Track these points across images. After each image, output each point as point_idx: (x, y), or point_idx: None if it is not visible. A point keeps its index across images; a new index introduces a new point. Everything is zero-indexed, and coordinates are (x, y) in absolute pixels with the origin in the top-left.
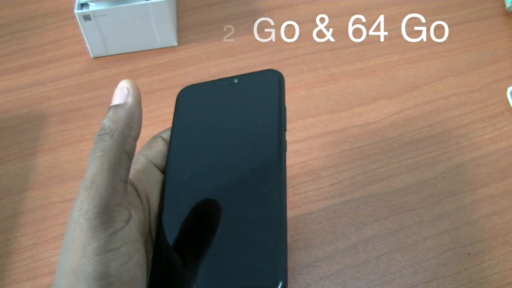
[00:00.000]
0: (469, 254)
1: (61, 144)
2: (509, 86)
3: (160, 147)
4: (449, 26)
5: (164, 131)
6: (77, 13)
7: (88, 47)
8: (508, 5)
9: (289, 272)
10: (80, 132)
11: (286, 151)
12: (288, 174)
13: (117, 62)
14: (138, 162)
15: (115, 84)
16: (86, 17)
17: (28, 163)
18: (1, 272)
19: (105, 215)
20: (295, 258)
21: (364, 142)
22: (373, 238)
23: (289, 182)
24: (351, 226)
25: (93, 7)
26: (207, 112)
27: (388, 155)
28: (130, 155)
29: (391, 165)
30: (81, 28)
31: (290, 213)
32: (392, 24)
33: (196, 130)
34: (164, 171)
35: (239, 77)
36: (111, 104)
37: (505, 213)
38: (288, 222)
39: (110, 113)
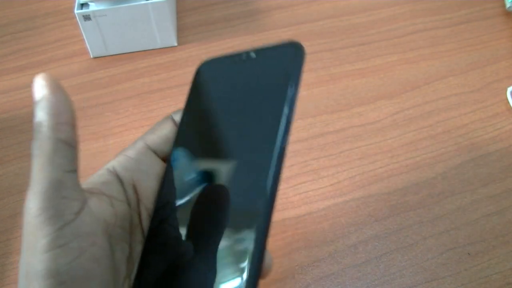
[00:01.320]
0: (469, 254)
1: None
2: (509, 86)
3: (165, 131)
4: (449, 26)
5: (176, 112)
6: (77, 13)
7: (88, 47)
8: (508, 5)
9: (289, 272)
10: (80, 132)
11: (287, 144)
12: (288, 174)
13: (117, 62)
14: (134, 148)
15: (115, 84)
16: (86, 17)
17: (28, 163)
18: (1, 272)
19: (50, 210)
20: (295, 258)
21: (364, 142)
22: (373, 238)
23: (289, 182)
24: (351, 226)
25: (93, 7)
26: (220, 92)
27: (388, 155)
28: (68, 142)
29: (391, 165)
30: (81, 28)
31: (290, 213)
32: (392, 24)
33: (206, 112)
34: (165, 156)
35: (257, 50)
36: (34, 104)
37: (505, 213)
38: (288, 222)
39: (35, 111)
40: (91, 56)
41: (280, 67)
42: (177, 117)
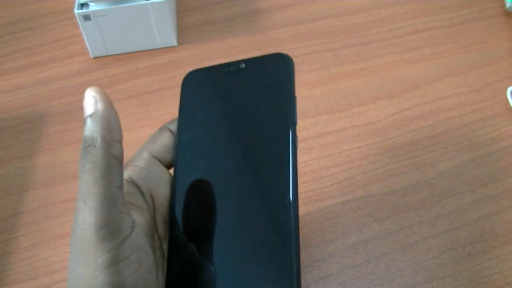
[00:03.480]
0: (469, 254)
1: (61, 144)
2: (509, 86)
3: (165, 141)
4: (449, 26)
5: (171, 122)
6: (77, 13)
7: (88, 47)
8: (508, 5)
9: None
10: (80, 132)
11: (297, 148)
12: None
13: (117, 62)
14: (141, 159)
15: (115, 84)
16: (86, 17)
17: (28, 163)
18: (1, 272)
19: (111, 225)
20: None
21: (364, 142)
22: (373, 238)
23: None
24: (351, 226)
25: (93, 7)
26: (215, 101)
27: (388, 155)
28: (119, 159)
29: (391, 165)
30: (81, 28)
31: None
32: (392, 24)
33: (204, 121)
34: (169, 165)
35: (246, 61)
36: (84, 116)
37: (505, 213)
38: None
39: (87, 124)
40: (91, 56)
41: (273, 76)
42: (172, 126)
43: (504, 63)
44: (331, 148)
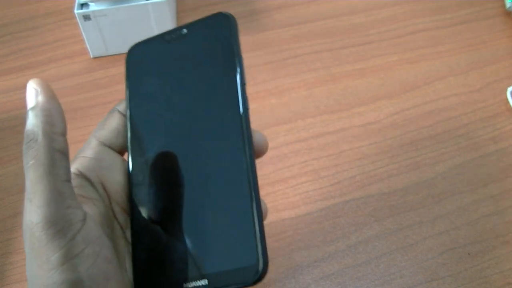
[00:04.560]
0: (469, 254)
1: None
2: (509, 86)
3: (114, 124)
4: (449, 26)
5: (120, 103)
6: (77, 13)
7: (88, 47)
8: (508, 5)
9: (289, 272)
10: (80, 132)
11: (248, 108)
12: (288, 174)
13: (117, 62)
14: (89, 148)
15: (115, 84)
16: (86, 17)
17: None
18: (1, 272)
19: (60, 221)
20: (295, 258)
21: (364, 142)
22: (373, 238)
23: (289, 182)
24: (351, 226)
25: (93, 7)
26: (161, 73)
27: (388, 155)
28: (63, 152)
29: (391, 165)
30: (81, 28)
31: (290, 213)
32: (392, 24)
33: (153, 94)
34: (121, 149)
35: (187, 26)
36: (27, 109)
37: (505, 213)
38: (288, 222)
39: (28, 118)
40: (91, 56)
41: (217, 37)
42: (121, 107)
43: (504, 63)
44: (331, 148)
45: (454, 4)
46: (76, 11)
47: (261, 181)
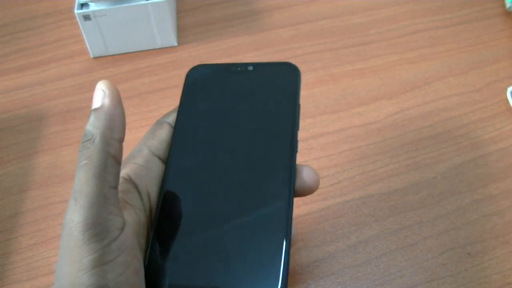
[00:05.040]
0: (469, 254)
1: (61, 144)
2: (509, 86)
3: (164, 135)
4: (449, 26)
5: (168, 114)
6: (77, 13)
7: (88, 47)
8: (508, 5)
9: (289, 272)
10: (80, 132)
11: (297, 152)
12: None
13: (117, 62)
14: (141, 155)
15: (115, 84)
16: (86, 17)
17: (28, 163)
18: (1, 272)
19: (98, 226)
20: (295, 258)
21: (364, 142)
22: (373, 238)
23: None
24: (351, 226)
25: (93, 7)
26: (218, 98)
27: (388, 155)
28: (116, 159)
29: (391, 165)
30: (81, 28)
31: None
32: (392, 24)
33: (204, 117)
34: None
35: (254, 64)
36: (91, 109)
37: (505, 213)
38: None
39: (91, 118)
40: (91, 56)
41: (280, 82)
42: (170, 119)
43: (504, 63)
44: (331, 148)
45: (454, 4)
46: (76, 11)
47: None
